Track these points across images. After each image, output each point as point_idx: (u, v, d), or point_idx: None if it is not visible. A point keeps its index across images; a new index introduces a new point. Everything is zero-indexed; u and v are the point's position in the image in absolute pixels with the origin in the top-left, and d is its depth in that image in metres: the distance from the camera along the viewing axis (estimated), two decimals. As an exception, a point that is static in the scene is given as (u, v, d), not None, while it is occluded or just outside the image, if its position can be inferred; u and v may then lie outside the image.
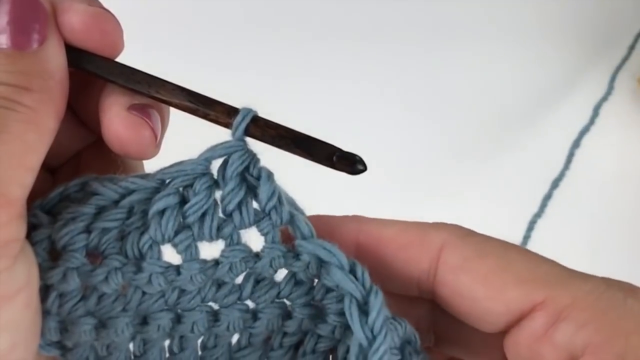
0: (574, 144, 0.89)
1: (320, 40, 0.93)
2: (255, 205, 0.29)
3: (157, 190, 0.29)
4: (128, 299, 0.30)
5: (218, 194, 0.29)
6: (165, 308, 0.30)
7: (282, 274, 0.31)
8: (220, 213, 0.29)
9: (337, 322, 0.30)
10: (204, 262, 0.30)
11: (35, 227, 0.28)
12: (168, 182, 0.29)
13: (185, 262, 0.29)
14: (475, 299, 0.28)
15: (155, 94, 0.30)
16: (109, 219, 0.29)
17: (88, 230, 0.28)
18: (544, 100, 0.93)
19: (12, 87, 0.26)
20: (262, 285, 0.31)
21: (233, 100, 0.30)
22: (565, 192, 0.86)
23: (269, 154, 0.30)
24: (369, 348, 0.27)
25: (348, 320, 0.28)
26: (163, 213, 0.29)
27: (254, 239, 0.30)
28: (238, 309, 0.31)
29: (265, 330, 0.31)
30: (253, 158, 0.29)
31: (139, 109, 0.30)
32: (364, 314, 0.27)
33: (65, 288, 0.28)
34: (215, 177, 0.29)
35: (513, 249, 0.29)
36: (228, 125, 0.29)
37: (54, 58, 0.28)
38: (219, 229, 0.29)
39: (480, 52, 0.96)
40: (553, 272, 0.27)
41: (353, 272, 0.28)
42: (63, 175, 0.33)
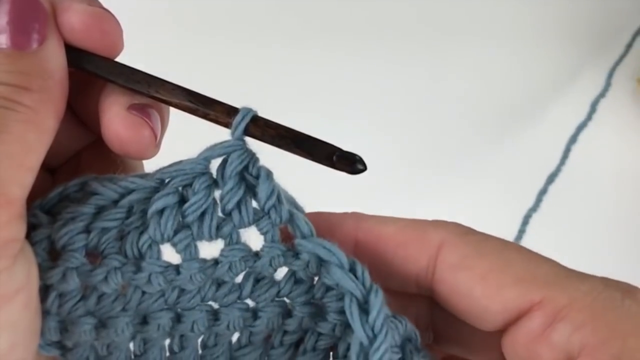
0: (571, 140, 0.89)
1: (320, 40, 0.93)
2: (255, 205, 0.29)
3: (156, 190, 0.29)
4: (128, 299, 0.29)
5: (217, 194, 0.29)
6: (165, 307, 0.30)
7: (282, 273, 0.31)
8: (220, 212, 0.29)
9: (337, 320, 0.30)
10: (204, 261, 0.30)
11: (35, 227, 0.28)
12: (167, 181, 0.29)
13: (185, 261, 0.29)
14: (473, 298, 0.28)
15: (155, 94, 0.30)
16: (109, 219, 0.29)
17: (87, 230, 0.28)
18: (542, 96, 0.93)
19: (11, 87, 0.26)
20: (262, 284, 0.31)
21: (233, 100, 0.30)
22: (561, 187, 0.86)
23: (269, 154, 0.30)
24: (370, 347, 0.27)
25: (348, 319, 0.28)
26: (162, 212, 0.29)
27: (254, 238, 0.30)
28: (238, 308, 0.31)
29: (266, 329, 0.31)
30: (252, 157, 0.29)
31: (139, 109, 0.30)
32: (365, 313, 0.27)
33: (65, 288, 0.28)
34: (215, 176, 0.29)
35: (512, 248, 0.29)
36: (228, 125, 0.29)
37: (54, 58, 0.28)
38: (218, 228, 0.29)
39: (477, 48, 0.96)
40: (551, 272, 0.27)
41: (353, 271, 0.28)
42: (63, 175, 0.33)
